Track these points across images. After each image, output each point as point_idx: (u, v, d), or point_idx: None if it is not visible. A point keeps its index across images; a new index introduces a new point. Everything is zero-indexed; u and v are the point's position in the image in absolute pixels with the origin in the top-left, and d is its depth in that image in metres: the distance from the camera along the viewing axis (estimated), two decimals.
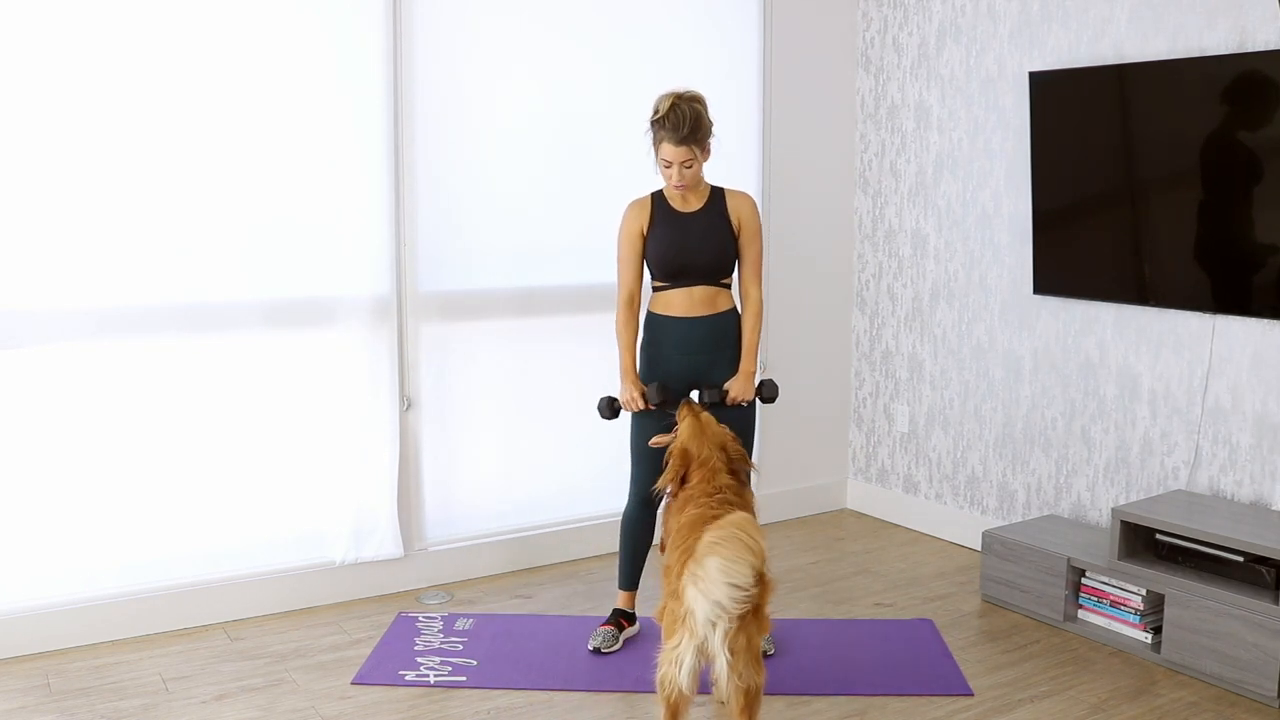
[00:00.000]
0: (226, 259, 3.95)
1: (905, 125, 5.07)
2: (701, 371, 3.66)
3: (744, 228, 3.64)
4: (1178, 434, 4.10)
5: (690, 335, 3.63)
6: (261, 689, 3.51)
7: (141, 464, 3.89)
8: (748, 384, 3.65)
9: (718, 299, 3.65)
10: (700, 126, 3.48)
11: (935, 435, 5.05)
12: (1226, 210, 3.84)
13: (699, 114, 3.49)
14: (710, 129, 3.53)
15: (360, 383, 4.23)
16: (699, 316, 3.63)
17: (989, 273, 4.75)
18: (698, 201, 3.63)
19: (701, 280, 3.62)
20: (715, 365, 3.66)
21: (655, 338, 3.67)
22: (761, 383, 3.70)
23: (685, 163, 3.48)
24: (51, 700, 3.41)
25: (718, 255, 3.61)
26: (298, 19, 3.97)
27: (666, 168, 3.52)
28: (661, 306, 3.66)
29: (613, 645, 3.77)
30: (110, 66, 3.69)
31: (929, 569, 4.64)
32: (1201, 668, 3.58)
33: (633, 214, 3.66)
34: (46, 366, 3.71)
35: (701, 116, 3.50)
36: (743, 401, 3.63)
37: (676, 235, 3.60)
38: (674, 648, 2.81)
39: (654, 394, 3.60)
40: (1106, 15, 4.23)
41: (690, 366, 3.65)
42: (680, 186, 3.54)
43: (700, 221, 3.61)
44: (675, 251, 3.59)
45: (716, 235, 3.60)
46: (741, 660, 2.78)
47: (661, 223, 3.62)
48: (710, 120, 3.54)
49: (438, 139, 4.28)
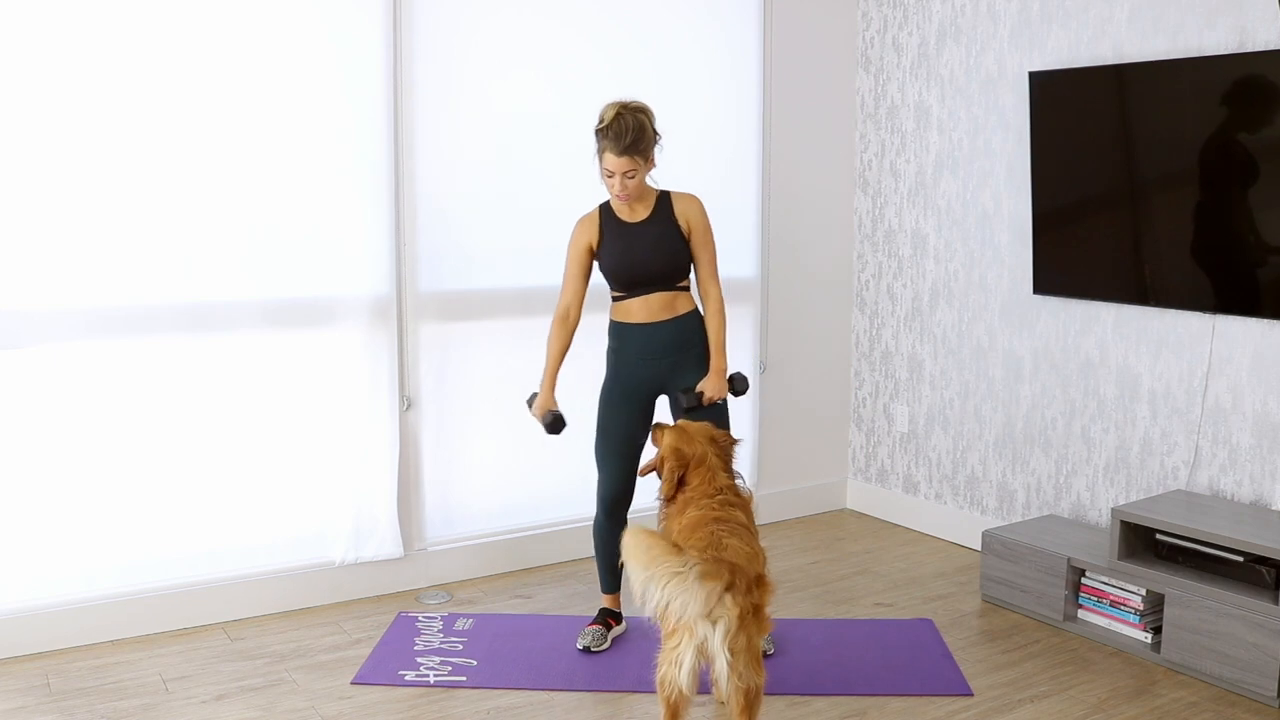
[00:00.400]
0: (227, 259, 3.95)
1: (905, 125, 5.08)
2: (666, 375, 3.68)
3: (694, 231, 3.64)
4: (1178, 434, 4.10)
5: (652, 341, 3.65)
6: (261, 689, 3.51)
7: (142, 464, 3.89)
8: (720, 381, 3.66)
9: (676, 302, 3.65)
10: (643, 137, 3.46)
11: (935, 435, 5.05)
12: (1226, 210, 3.83)
13: (643, 124, 3.47)
14: (654, 139, 3.53)
15: (360, 383, 4.23)
16: (658, 322, 3.65)
17: (989, 273, 4.75)
18: (644, 210, 3.63)
19: (657, 288, 3.63)
20: (680, 367, 3.67)
21: (619, 345, 3.71)
22: (732, 376, 3.71)
23: (627, 173, 3.48)
24: (51, 700, 3.41)
25: (669, 263, 3.61)
26: (298, 19, 3.97)
27: (609, 177, 3.52)
28: (622, 315, 3.68)
29: (601, 644, 3.78)
30: (111, 67, 3.69)
31: (929, 569, 4.64)
32: (1201, 668, 3.58)
33: (580, 229, 3.68)
34: (47, 367, 3.71)
35: (645, 127, 3.48)
36: (717, 399, 3.64)
37: (626, 247, 3.61)
38: (674, 648, 2.81)
39: (548, 419, 3.68)
40: (1106, 15, 4.23)
41: (655, 371, 3.67)
42: (622, 196, 3.55)
43: (648, 231, 3.61)
44: (626, 263, 3.61)
45: (666, 243, 3.60)
46: (741, 660, 2.79)
47: (610, 235, 3.64)
48: (655, 131, 3.53)
49: (438, 139, 4.28)
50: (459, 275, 4.39)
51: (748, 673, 2.82)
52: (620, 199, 3.58)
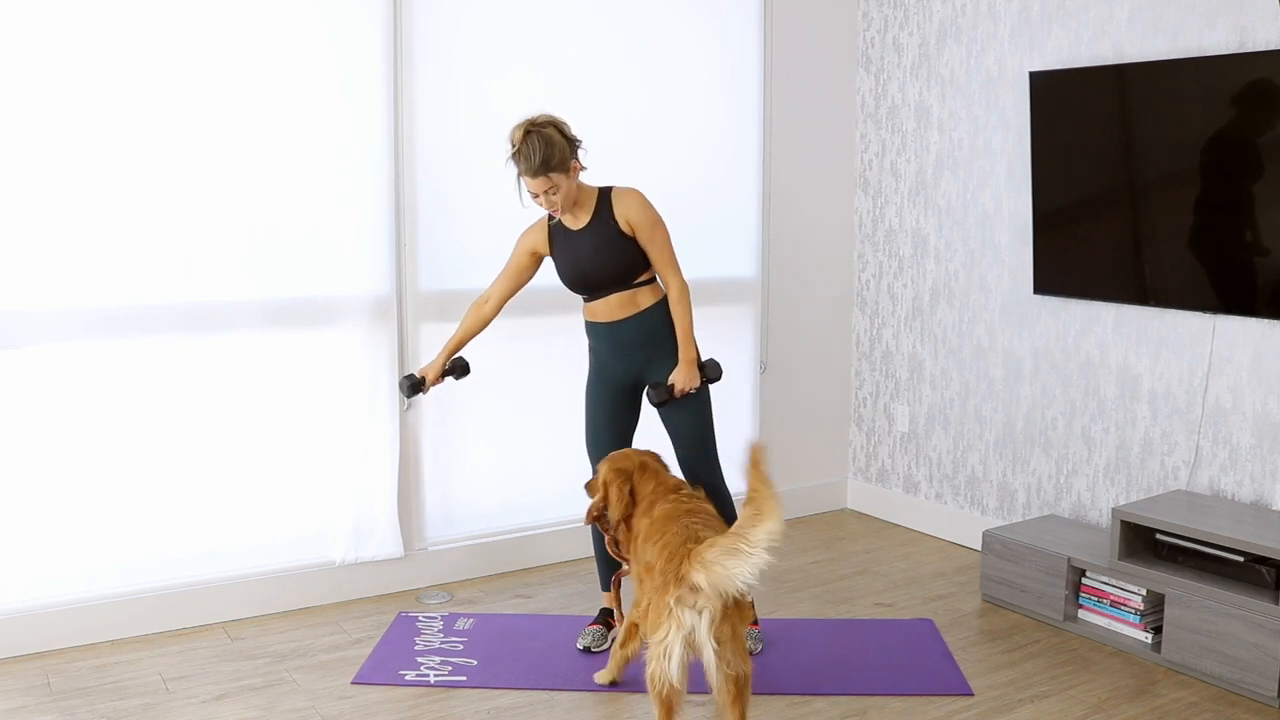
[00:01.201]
0: (227, 259, 3.95)
1: (905, 125, 5.07)
2: (642, 368, 3.67)
3: (637, 229, 3.57)
4: (1178, 434, 4.10)
5: (619, 337, 3.65)
6: (261, 689, 3.51)
7: (141, 464, 3.89)
8: (691, 371, 3.62)
9: (637, 298, 3.63)
10: (553, 154, 3.40)
11: (935, 435, 5.05)
12: (1227, 210, 3.83)
13: (550, 139, 3.40)
14: (567, 149, 3.44)
15: (360, 383, 4.23)
16: (620, 320, 3.64)
17: (989, 273, 4.75)
18: (585, 215, 3.59)
19: (612, 289, 3.61)
20: (655, 359, 3.65)
21: (593, 342, 3.72)
22: (703, 364, 3.68)
23: (548, 191, 3.46)
24: (51, 700, 3.41)
25: (614, 266, 3.58)
26: (298, 18, 3.97)
27: (535, 198, 3.51)
28: (590, 314, 3.70)
29: (601, 644, 3.78)
30: (111, 67, 3.69)
31: (929, 569, 4.64)
32: (1201, 668, 3.58)
33: (529, 232, 3.71)
34: (47, 366, 3.71)
35: (554, 141, 3.41)
36: (690, 389, 3.62)
37: (571, 255, 3.61)
38: (660, 641, 2.83)
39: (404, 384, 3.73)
40: (1106, 15, 4.23)
41: (630, 365, 3.67)
42: (554, 212, 3.55)
43: (589, 238, 3.58)
44: (575, 271, 3.61)
45: (607, 247, 3.57)
46: (729, 649, 2.83)
47: (558, 244, 3.64)
48: (567, 139, 3.46)
49: (438, 139, 4.28)
50: (459, 275, 4.38)
51: (735, 660, 2.86)
52: (554, 215, 3.59)
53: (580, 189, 3.56)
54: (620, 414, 3.74)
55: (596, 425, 3.76)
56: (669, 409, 3.64)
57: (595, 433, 3.76)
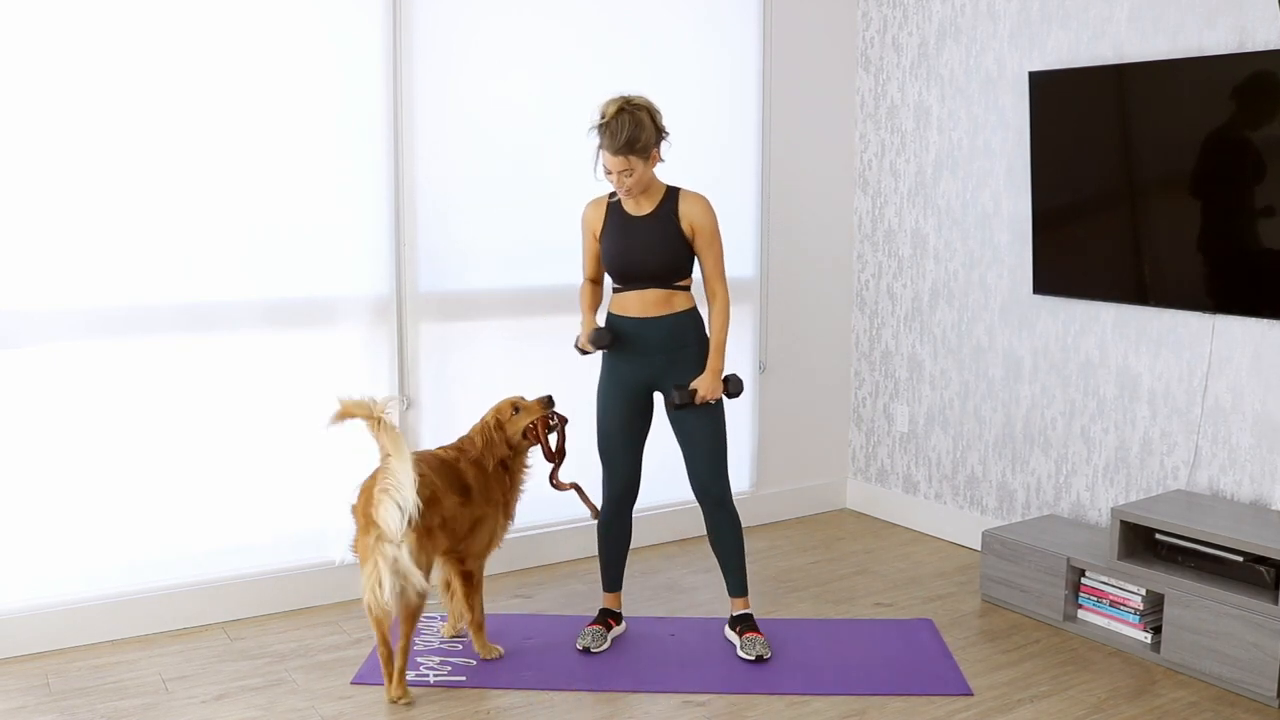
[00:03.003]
0: (227, 259, 3.95)
1: (905, 125, 5.08)
2: (660, 373, 3.67)
3: (698, 232, 3.61)
4: (1177, 434, 4.10)
5: (644, 336, 3.64)
6: (261, 689, 3.51)
7: (142, 464, 3.89)
8: (715, 382, 3.63)
9: (673, 300, 3.64)
10: (640, 136, 3.42)
11: (935, 435, 5.05)
12: (1226, 210, 3.84)
13: (641, 122, 3.42)
14: (654, 137, 3.47)
15: (360, 383, 4.22)
16: (652, 318, 3.63)
17: (989, 273, 4.75)
18: (649, 204, 3.61)
19: (652, 284, 3.62)
20: (674, 365, 3.66)
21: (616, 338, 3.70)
22: (726, 378, 3.68)
23: (624, 171, 3.47)
24: (51, 700, 3.41)
25: (666, 260, 3.60)
26: (298, 19, 3.97)
27: (607, 174, 3.53)
28: (618, 307, 3.69)
29: (601, 644, 3.77)
30: (111, 67, 3.69)
31: (929, 569, 4.64)
32: (1201, 668, 3.59)
33: (588, 213, 3.73)
34: (47, 366, 3.71)
35: (644, 125, 3.43)
36: (710, 399, 3.63)
37: (624, 240, 3.61)
38: (370, 573, 3.26)
39: (599, 337, 3.66)
40: (1106, 15, 4.23)
41: (648, 367, 3.67)
42: (623, 193, 3.56)
43: (649, 226, 3.59)
44: (625, 257, 3.61)
45: (665, 240, 3.59)
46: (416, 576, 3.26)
47: (612, 226, 3.64)
48: (656, 128, 3.48)
49: (437, 139, 4.28)
50: (459, 275, 4.39)
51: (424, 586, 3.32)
52: (622, 195, 3.58)
53: (652, 179, 3.58)
54: (634, 418, 3.73)
55: (609, 429, 3.74)
56: (684, 415, 3.63)
57: (607, 436, 3.75)
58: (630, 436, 3.73)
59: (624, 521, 3.84)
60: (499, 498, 3.68)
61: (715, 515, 3.75)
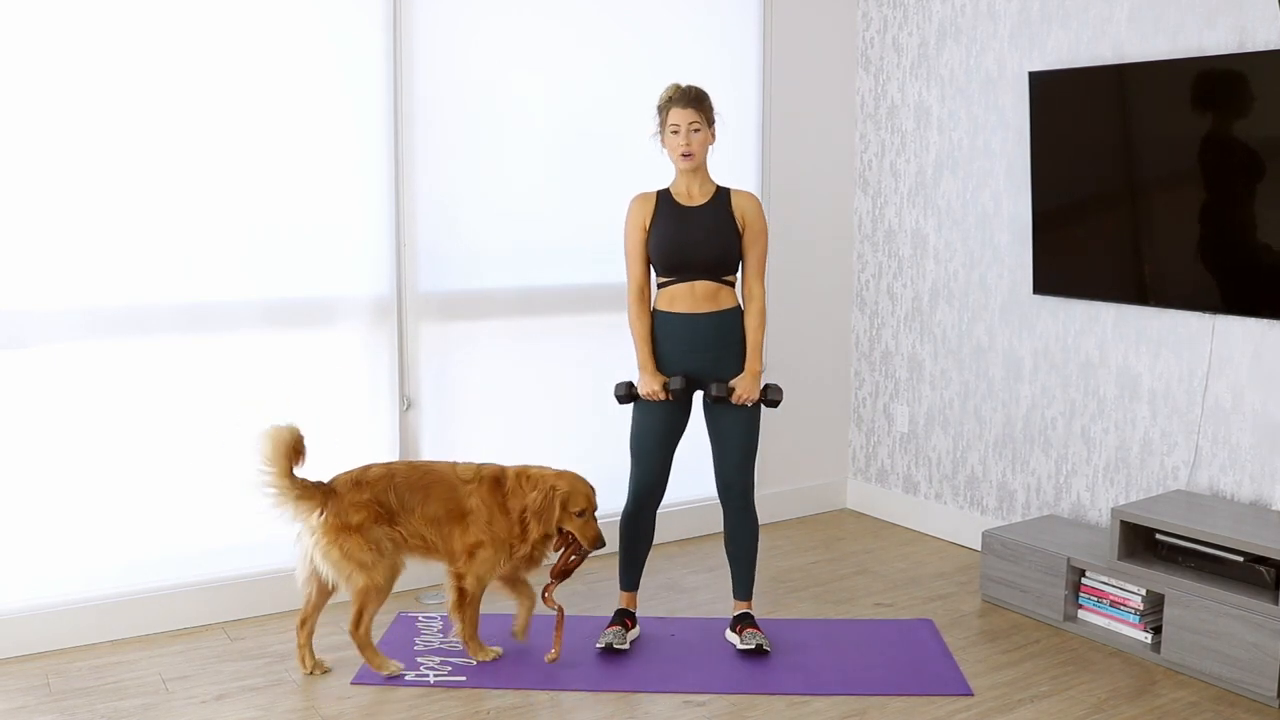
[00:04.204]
0: (227, 259, 3.95)
1: (905, 125, 5.08)
2: (706, 368, 3.67)
3: (749, 226, 3.66)
4: (1178, 434, 4.10)
5: (694, 332, 3.64)
6: (261, 689, 3.51)
7: (142, 464, 3.89)
8: (754, 384, 3.65)
9: (720, 295, 3.65)
10: (707, 97, 3.64)
11: (935, 435, 5.05)
12: (1226, 210, 3.84)
13: (706, 93, 3.65)
14: (712, 111, 3.66)
15: (360, 383, 4.23)
16: (703, 313, 3.63)
17: (989, 273, 4.75)
18: (702, 196, 3.65)
19: (703, 275, 3.62)
20: (721, 362, 3.66)
21: (660, 335, 3.68)
22: (767, 386, 3.70)
23: (693, 124, 3.57)
24: (51, 700, 3.41)
25: (720, 249, 3.62)
26: (298, 19, 3.98)
27: (674, 134, 3.58)
28: (665, 303, 3.67)
29: (622, 643, 3.75)
30: (111, 67, 3.69)
31: (929, 569, 4.64)
32: (1201, 668, 3.58)
33: (636, 208, 3.69)
34: (48, 366, 3.71)
35: (707, 94, 3.65)
36: (747, 401, 3.64)
37: (679, 228, 3.61)
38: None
39: (677, 384, 3.62)
40: (1106, 15, 4.23)
41: (696, 364, 3.66)
42: (687, 155, 3.57)
43: (703, 215, 3.63)
44: (677, 245, 3.61)
45: (719, 230, 3.61)
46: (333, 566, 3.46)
47: (664, 216, 3.64)
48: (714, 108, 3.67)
49: (438, 139, 4.28)
50: (459, 275, 4.39)
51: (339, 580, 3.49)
52: (684, 159, 3.59)
53: (705, 166, 3.68)
54: (672, 414, 3.70)
55: (647, 423, 3.71)
56: (720, 413, 3.65)
57: (642, 430, 3.72)
58: (666, 434, 3.72)
59: (647, 518, 3.81)
60: (504, 536, 3.58)
61: (737, 515, 3.77)
